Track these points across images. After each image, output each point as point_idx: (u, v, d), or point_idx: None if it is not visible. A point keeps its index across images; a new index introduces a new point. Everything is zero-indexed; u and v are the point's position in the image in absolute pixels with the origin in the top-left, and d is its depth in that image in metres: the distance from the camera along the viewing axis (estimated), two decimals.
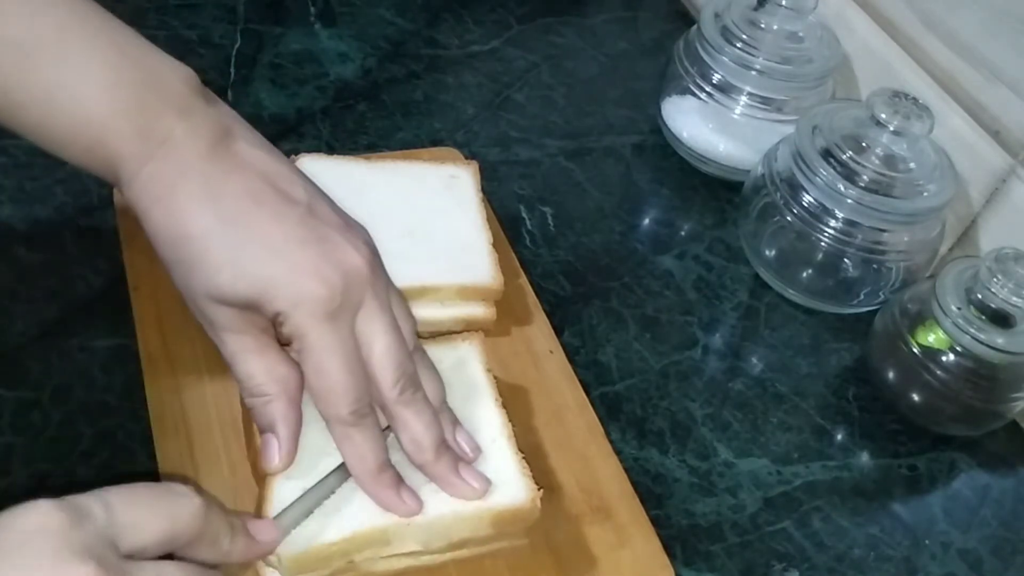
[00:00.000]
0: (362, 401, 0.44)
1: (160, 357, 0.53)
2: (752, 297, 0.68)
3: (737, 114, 0.72)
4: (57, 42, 0.43)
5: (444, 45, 0.82)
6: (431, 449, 0.45)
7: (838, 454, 0.60)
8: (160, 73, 0.45)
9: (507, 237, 0.65)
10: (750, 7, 0.72)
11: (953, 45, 0.66)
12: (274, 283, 0.43)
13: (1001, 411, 0.60)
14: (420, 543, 0.45)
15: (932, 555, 0.56)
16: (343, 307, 0.44)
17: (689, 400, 0.60)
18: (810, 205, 0.64)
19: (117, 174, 0.44)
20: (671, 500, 0.55)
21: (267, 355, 0.45)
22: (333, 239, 0.45)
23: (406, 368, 0.45)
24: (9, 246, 0.58)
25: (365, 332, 0.45)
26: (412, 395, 0.46)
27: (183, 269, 0.44)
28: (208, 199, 0.43)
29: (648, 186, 0.75)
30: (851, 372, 0.65)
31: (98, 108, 0.43)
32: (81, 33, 0.43)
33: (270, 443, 0.45)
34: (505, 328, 0.59)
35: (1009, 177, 0.63)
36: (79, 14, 0.44)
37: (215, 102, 0.46)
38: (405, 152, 0.69)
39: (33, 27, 0.42)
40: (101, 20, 0.44)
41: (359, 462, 0.44)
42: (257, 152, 0.46)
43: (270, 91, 0.74)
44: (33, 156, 0.45)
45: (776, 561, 0.54)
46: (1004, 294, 0.56)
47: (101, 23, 0.44)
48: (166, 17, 0.77)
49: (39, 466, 0.49)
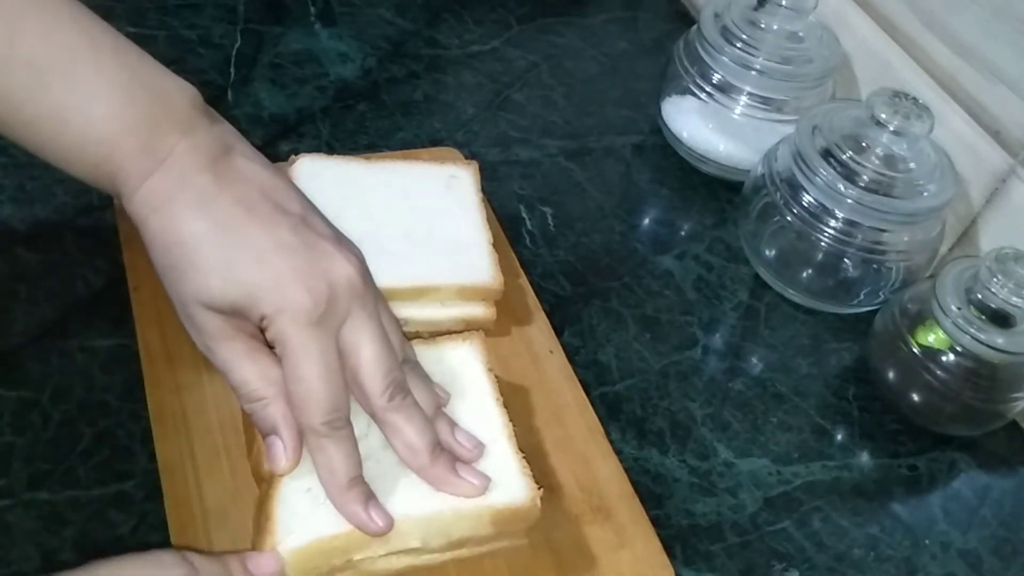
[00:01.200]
0: (337, 413, 0.44)
1: (160, 357, 0.53)
2: (752, 297, 0.68)
3: (737, 114, 0.72)
4: (68, 62, 0.44)
5: (444, 45, 0.82)
6: (426, 452, 0.45)
7: (838, 454, 0.60)
8: (167, 92, 0.46)
9: (507, 237, 0.65)
10: (750, 7, 0.72)
11: (953, 45, 0.66)
12: (260, 287, 0.43)
13: (1001, 411, 0.60)
14: (420, 541, 0.45)
15: (932, 555, 0.56)
16: (327, 316, 0.44)
17: (689, 400, 0.61)
18: (810, 205, 0.64)
19: (119, 187, 0.45)
20: (671, 500, 0.55)
21: (259, 359, 0.45)
22: (323, 249, 0.45)
23: (395, 376, 0.46)
24: (9, 246, 0.58)
25: (352, 342, 0.45)
26: (402, 401, 0.46)
27: (175, 275, 0.44)
28: (203, 207, 0.44)
29: (648, 186, 0.75)
30: (851, 372, 0.65)
31: (106, 126, 0.44)
32: (91, 53, 0.44)
33: (275, 445, 0.45)
34: (505, 328, 0.59)
35: (1009, 177, 0.63)
36: (89, 34, 0.45)
37: (218, 120, 0.48)
38: (405, 152, 0.69)
39: (45, 47, 0.43)
40: (111, 40, 0.45)
41: (329, 474, 0.44)
42: (255, 167, 0.47)
43: (270, 91, 0.74)
44: (33, 156, 0.46)
45: (776, 561, 0.54)
46: (1004, 294, 0.56)
47: (111, 43, 0.45)
48: (166, 17, 0.77)
49: (39, 466, 0.49)
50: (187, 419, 0.51)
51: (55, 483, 0.48)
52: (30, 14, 0.43)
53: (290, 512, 0.44)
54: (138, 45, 0.47)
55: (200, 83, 0.47)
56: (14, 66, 0.43)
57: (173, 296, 0.45)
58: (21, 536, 0.46)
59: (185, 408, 0.51)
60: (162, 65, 0.47)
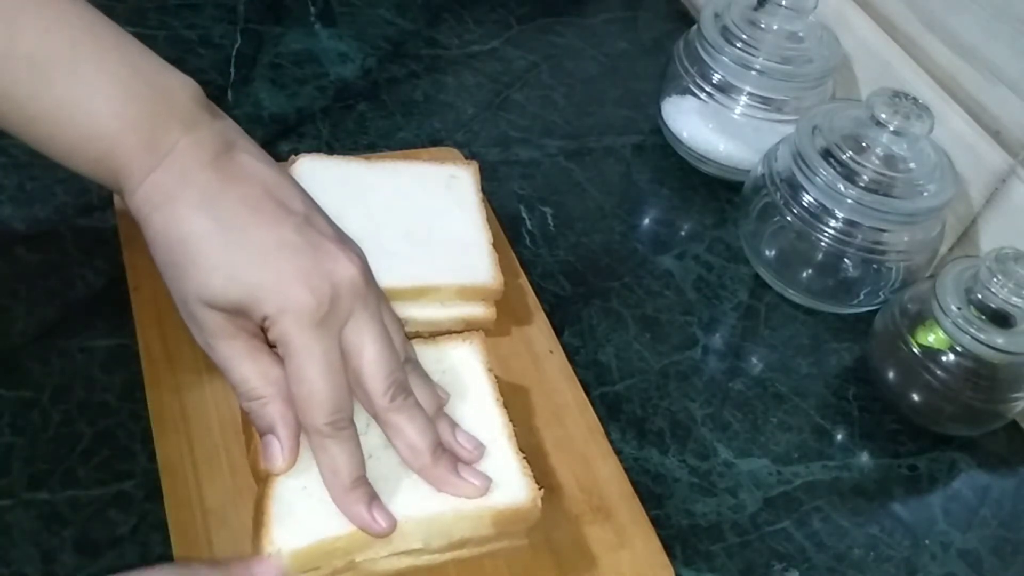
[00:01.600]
0: (341, 413, 0.44)
1: (160, 357, 0.53)
2: (752, 297, 0.68)
3: (737, 114, 0.72)
4: (70, 58, 0.44)
5: (444, 45, 0.82)
6: (427, 452, 0.45)
7: (838, 454, 0.60)
8: (168, 88, 0.46)
9: (507, 237, 0.65)
10: (750, 7, 0.72)
11: (953, 45, 0.66)
12: (263, 288, 0.43)
13: (1001, 411, 0.60)
14: (421, 541, 0.45)
15: (932, 555, 0.56)
16: (330, 316, 0.44)
17: (689, 400, 0.61)
18: (810, 205, 0.64)
19: (122, 184, 0.45)
20: (671, 500, 0.55)
21: (259, 359, 0.45)
22: (326, 249, 0.45)
23: (397, 376, 0.46)
24: (9, 246, 0.58)
25: (354, 342, 0.45)
26: (403, 401, 0.46)
27: (177, 273, 0.44)
28: (206, 205, 0.44)
29: (648, 186, 0.75)
30: (851, 372, 0.65)
31: (108, 122, 0.44)
32: (93, 49, 0.44)
33: (272, 444, 0.45)
34: (505, 328, 0.59)
35: (1009, 177, 0.63)
36: (91, 30, 0.45)
37: (220, 116, 0.47)
38: (405, 152, 0.69)
39: (47, 43, 0.43)
40: (112, 36, 0.45)
41: (332, 475, 0.44)
42: (258, 164, 0.46)
43: (270, 91, 0.74)
44: (33, 156, 0.46)
45: (776, 561, 0.54)
46: (1004, 294, 0.56)
47: (112, 39, 0.45)
48: (166, 17, 0.77)
49: (39, 466, 0.49)
50: (187, 419, 0.51)
51: (55, 483, 0.48)
52: (30, 10, 0.43)
53: (287, 510, 0.44)
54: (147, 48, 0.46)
55: (200, 83, 0.47)
56: (15, 63, 0.43)
57: (174, 293, 0.45)
58: (21, 536, 0.46)
59: (185, 408, 0.51)
60: (164, 60, 0.46)
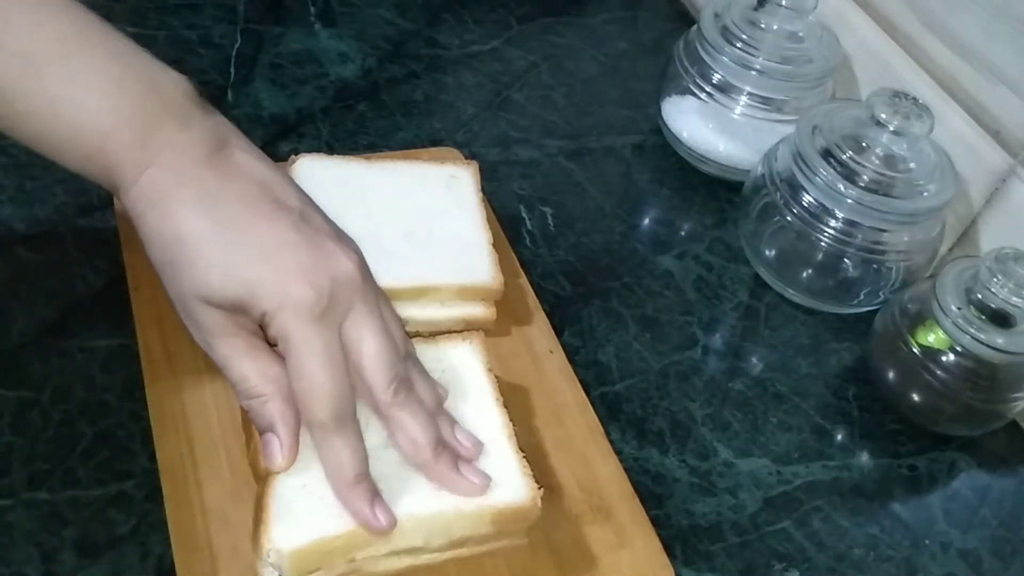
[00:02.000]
0: (343, 407, 0.44)
1: (160, 357, 0.53)
2: (752, 297, 0.68)
3: (737, 114, 0.72)
4: (60, 54, 0.43)
5: (444, 45, 0.82)
6: (428, 448, 0.45)
7: (838, 454, 0.60)
8: (160, 84, 0.45)
9: (507, 237, 0.65)
10: (750, 7, 0.72)
11: (953, 45, 0.66)
12: (261, 284, 0.43)
13: (1001, 411, 0.60)
14: (422, 540, 0.45)
15: (932, 555, 0.56)
16: (329, 311, 0.44)
17: (689, 400, 0.60)
18: (810, 205, 0.64)
19: (115, 181, 0.45)
20: (671, 500, 0.55)
21: (258, 356, 0.45)
22: (324, 245, 0.45)
23: (398, 370, 0.46)
24: (9, 246, 0.58)
25: (354, 337, 0.45)
26: (406, 396, 0.46)
27: (174, 271, 0.44)
28: (202, 204, 0.44)
29: (648, 186, 0.75)
30: (851, 372, 0.65)
31: (100, 118, 0.44)
32: (83, 44, 0.44)
33: (271, 442, 0.45)
34: (505, 328, 0.59)
35: (1009, 177, 0.63)
36: (81, 26, 0.44)
37: (212, 113, 0.47)
38: (405, 152, 0.69)
39: (37, 39, 0.43)
40: (103, 32, 0.45)
41: (336, 471, 0.44)
42: (253, 161, 0.46)
43: (270, 91, 0.74)
44: (33, 156, 0.45)
45: (776, 561, 0.54)
46: (1004, 294, 0.56)
47: (103, 35, 0.45)
48: (166, 17, 0.77)
49: (39, 466, 0.49)
50: (187, 419, 0.51)
51: (55, 483, 0.48)
52: (20, 7, 0.43)
53: (286, 509, 0.44)
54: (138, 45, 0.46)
55: (200, 83, 0.47)
56: (7, 59, 0.42)
57: (171, 291, 0.45)
58: (21, 536, 0.46)
59: (185, 408, 0.51)
60: (156, 59, 0.46)
